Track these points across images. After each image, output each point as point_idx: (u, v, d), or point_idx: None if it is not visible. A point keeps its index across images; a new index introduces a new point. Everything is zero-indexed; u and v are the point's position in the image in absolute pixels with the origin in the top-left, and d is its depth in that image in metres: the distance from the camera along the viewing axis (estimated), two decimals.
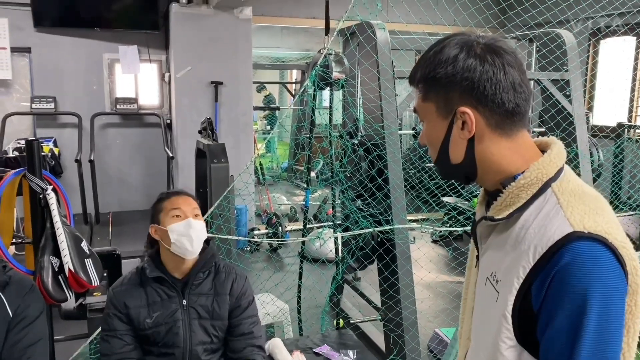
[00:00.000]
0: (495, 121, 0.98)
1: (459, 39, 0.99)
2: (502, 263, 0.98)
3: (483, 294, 1.05)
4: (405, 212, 3.13)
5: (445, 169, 1.06)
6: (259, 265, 5.01)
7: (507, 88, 0.96)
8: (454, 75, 0.96)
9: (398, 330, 3.11)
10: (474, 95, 0.96)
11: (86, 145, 5.50)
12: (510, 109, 0.97)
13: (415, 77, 1.03)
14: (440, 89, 0.99)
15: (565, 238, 0.89)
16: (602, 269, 0.87)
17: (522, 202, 0.97)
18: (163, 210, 1.96)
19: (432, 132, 1.04)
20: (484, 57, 0.96)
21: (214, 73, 5.69)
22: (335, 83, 2.96)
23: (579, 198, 0.95)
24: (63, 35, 5.72)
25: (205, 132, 3.42)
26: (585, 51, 5.84)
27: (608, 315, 0.87)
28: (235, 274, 2.05)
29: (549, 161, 0.98)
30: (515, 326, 0.95)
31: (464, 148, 1.00)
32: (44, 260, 2.39)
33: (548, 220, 0.93)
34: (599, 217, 0.92)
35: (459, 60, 0.96)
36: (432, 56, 1.00)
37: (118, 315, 1.92)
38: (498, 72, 0.96)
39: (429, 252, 5.19)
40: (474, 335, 1.12)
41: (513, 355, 0.97)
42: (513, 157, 0.99)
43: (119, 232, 5.35)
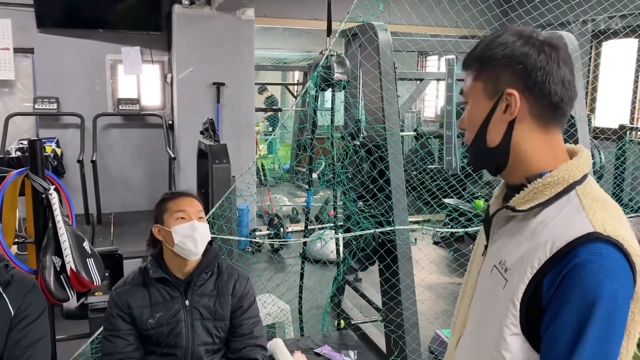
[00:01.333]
0: (538, 110, 1.01)
1: (518, 29, 1.04)
2: (513, 253, 1.01)
3: (489, 281, 1.08)
4: (407, 213, 3.14)
5: (479, 152, 1.08)
6: (260, 265, 5.02)
7: (557, 81, 0.99)
8: (510, 57, 1.00)
9: (399, 331, 3.11)
10: (524, 79, 0.99)
11: (88, 146, 5.52)
12: (555, 101, 1.00)
13: (469, 59, 1.07)
14: (493, 68, 1.02)
15: (585, 237, 0.92)
16: (616, 272, 0.91)
17: (545, 199, 1.00)
18: (167, 211, 1.96)
19: (474, 112, 1.07)
20: (541, 47, 1.00)
21: (216, 74, 5.71)
22: (337, 84, 2.97)
23: (601, 204, 0.99)
24: (66, 36, 5.74)
25: (207, 132, 3.43)
26: (587, 53, 5.84)
27: (615, 318, 0.90)
28: (237, 274, 2.05)
29: (577, 165, 1.01)
30: (522, 315, 0.98)
31: (502, 131, 1.03)
32: (46, 260, 2.39)
33: (570, 219, 0.96)
34: (618, 224, 0.95)
35: (516, 45, 1.00)
36: (490, 40, 1.04)
37: (121, 315, 1.92)
38: (552, 64, 0.99)
39: (430, 254, 5.19)
40: (473, 321, 1.15)
41: (515, 342, 1.00)
42: (545, 153, 1.03)
43: (121, 232, 5.36)
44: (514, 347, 1.00)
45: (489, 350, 1.04)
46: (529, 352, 0.99)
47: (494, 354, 1.02)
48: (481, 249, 1.17)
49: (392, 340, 3.15)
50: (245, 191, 3.08)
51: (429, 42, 3.15)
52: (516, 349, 1.00)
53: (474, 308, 1.16)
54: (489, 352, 1.04)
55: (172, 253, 1.93)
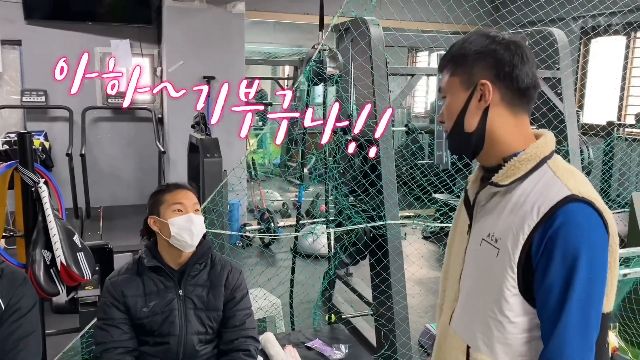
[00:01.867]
0: (508, 97, 1.16)
1: (484, 31, 1.20)
2: (499, 224, 1.15)
3: (479, 254, 1.21)
4: (398, 208, 3.15)
5: (458, 138, 1.22)
6: (251, 260, 5.02)
7: (523, 73, 1.15)
8: (481, 52, 1.16)
9: (389, 325, 3.13)
10: (495, 70, 1.15)
11: (77, 139, 5.47)
12: (523, 88, 1.16)
13: (444, 60, 1.22)
14: (466, 63, 1.17)
15: (565, 199, 1.07)
16: (593, 227, 1.06)
17: (522, 173, 1.14)
18: (164, 202, 1.98)
19: (452, 104, 1.21)
20: (507, 45, 1.16)
21: (206, 68, 5.67)
22: (330, 78, 2.96)
23: (570, 173, 1.14)
24: (54, 28, 5.68)
25: (198, 126, 3.41)
26: (577, 50, 5.88)
27: (595, 268, 1.05)
28: (230, 267, 2.08)
29: (544, 143, 1.17)
30: (519, 277, 1.11)
31: (478, 117, 1.18)
32: (35, 254, 2.37)
33: (548, 186, 1.11)
34: (588, 187, 1.11)
35: (485, 43, 1.17)
36: (462, 42, 1.20)
37: (115, 304, 1.94)
38: (517, 58, 1.15)
39: (420, 249, 5.22)
40: (467, 293, 1.27)
41: (516, 302, 1.13)
42: (516, 135, 1.18)
43: (110, 226, 5.33)
44: (515, 306, 1.13)
45: (491, 314, 1.16)
46: (528, 308, 1.13)
47: (497, 316, 1.15)
48: (463, 229, 1.31)
49: (382, 334, 3.17)
50: (237, 185, 3.08)
51: (421, 38, 3.15)
52: (517, 308, 1.13)
53: (465, 281, 1.28)
54: (490, 316, 1.17)
55: (167, 244, 1.95)
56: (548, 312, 1.07)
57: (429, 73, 3.90)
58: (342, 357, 2.60)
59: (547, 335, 1.08)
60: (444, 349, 1.34)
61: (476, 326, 1.21)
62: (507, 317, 1.14)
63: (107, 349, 1.91)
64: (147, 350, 1.96)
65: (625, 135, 5.22)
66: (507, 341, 1.15)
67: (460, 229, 1.33)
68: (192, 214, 1.96)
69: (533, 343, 1.13)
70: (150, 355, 1.96)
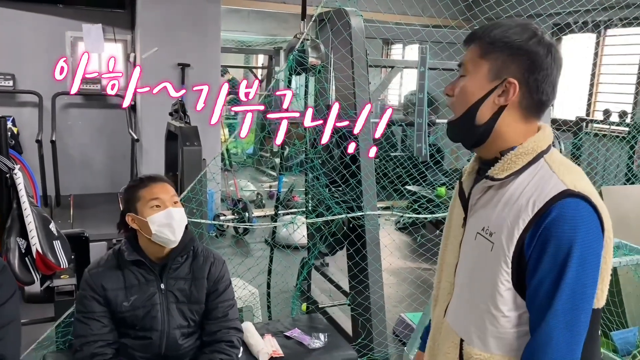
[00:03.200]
0: (527, 104, 1.13)
1: (530, 24, 1.13)
2: (494, 218, 1.14)
3: (474, 247, 1.20)
4: (376, 199, 3.18)
5: (465, 126, 1.17)
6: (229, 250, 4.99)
7: (551, 83, 1.13)
8: (523, 49, 1.09)
9: (366, 314, 3.16)
10: (527, 74, 1.10)
11: (47, 126, 5.33)
12: (543, 100, 1.13)
13: (482, 34, 1.14)
14: (504, 54, 1.11)
15: (561, 194, 1.05)
16: (588, 222, 1.05)
17: (518, 167, 1.12)
18: (140, 199, 1.89)
19: (471, 88, 1.15)
20: (549, 49, 1.11)
21: (181, 55, 5.58)
22: (312, 69, 2.96)
23: (567, 167, 1.13)
24: (23, 10, 5.50)
25: (176, 114, 3.37)
26: None
27: (587, 262, 1.04)
28: (213, 258, 2.04)
29: (542, 137, 1.15)
30: (513, 271, 1.10)
31: (492, 112, 1.13)
32: (10, 242, 2.33)
33: (544, 181, 1.09)
34: (584, 182, 1.10)
35: (531, 41, 1.10)
36: (507, 26, 1.12)
37: (95, 297, 1.89)
38: (554, 67, 1.12)
39: (395, 240, 5.28)
40: (461, 286, 1.26)
41: (509, 296, 1.12)
42: (520, 135, 1.15)
43: (81, 215, 5.22)
44: (508, 300, 1.13)
45: (485, 308, 1.15)
46: (520, 303, 1.12)
47: (492, 310, 1.14)
48: (458, 222, 1.28)
49: (359, 323, 3.20)
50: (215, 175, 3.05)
51: (402, 30, 3.17)
52: (510, 302, 1.13)
53: (460, 275, 1.26)
54: (485, 310, 1.16)
55: (148, 240, 1.90)
56: (537, 304, 1.06)
57: (407, 66, 3.93)
58: (322, 345, 2.61)
59: (534, 327, 1.08)
60: (438, 341, 1.33)
61: (470, 320, 1.20)
62: (501, 311, 1.13)
63: (87, 342, 1.87)
64: (129, 342, 1.93)
65: (594, 130, 5.37)
66: (500, 335, 1.14)
67: (455, 222, 1.31)
68: (171, 208, 1.88)
69: (526, 337, 1.12)
70: (132, 349, 1.93)
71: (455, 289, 1.28)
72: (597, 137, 5.31)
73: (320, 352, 2.58)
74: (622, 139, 5.29)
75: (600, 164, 5.15)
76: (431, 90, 3.30)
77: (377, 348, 3.19)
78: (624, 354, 3.13)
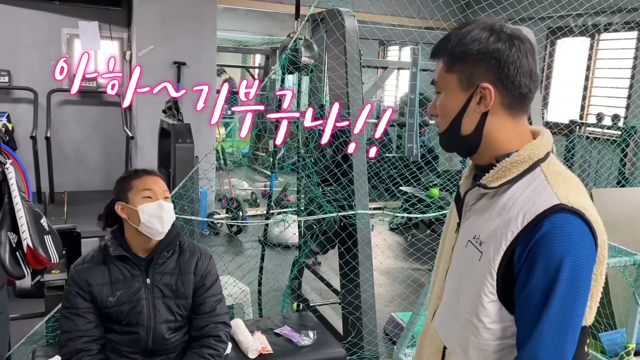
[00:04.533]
0: (508, 101, 1.09)
1: (487, 23, 1.09)
2: (485, 227, 1.10)
3: (464, 254, 1.16)
4: (368, 198, 3.20)
5: (453, 139, 1.15)
6: (220, 248, 5.00)
7: (526, 73, 1.07)
8: (484, 52, 1.06)
9: (357, 313, 3.18)
10: (497, 73, 1.07)
11: (42, 122, 5.34)
12: (524, 93, 1.09)
13: (443, 50, 1.12)
14: (467, 63, 1.08)
15: (552, 208, 1.01)
16: (579, 239, 1.01)
17: (512, 176, 1.08)
18: (133, 189, 1.92)
19: (448, 103, 1.13)
20: (512, 42, 1.06)
21: (177, 53, 5.60)
22: (305, 68, 2.98)
23: (564, 179, 1.08)
24: (19, 7, 5.51)
25: (170, 111, 3.38)
26: (543, 49, 6.03)
27: (578, 280, 1.00)
28: (199, 253, 2.05)
29: (540, 144, 1.10)
30: (498, 283, 1.07)
31: (476, 121, 1.10)
32: (1, 236, 2.32)
33: (537, 193, 1.05)
34: (580, 196, 1.05)
35: (490, 41, 1.06)
36: (463, 34, 1.09)
37: (80, 293, 1.89)
38: (522, 57, 1.07)
39: (386, 240, 5.30)
40: (449, 292, 1.23)
41: (494, 308, 1.09)
42: (512, 137, 1.11)
43: (75, 212, 5.23)
44: (491, 313, 1.09)
45: (468, 317, 1.13)
46: (506, 316, 1.09)
47: (474, 320, 1.11)
48: (453, 227, 1.25)
49: (349, 322, 3.22)
50: (208, 172, 3.07)
51: (395, 31, 3.19)
52: (494, 314, 1.09)
53: (449, 281, 1.23)
54: (467, 319, 1.13)
55: (135, 231, 1.91)
56: (525, 320, 1.03)
57: (401, 67, 3.95)
58: (311, 343, 2.63)
59: (521, 343, 1.04)
60: (424, 345, 1.32)
61: (454, 328, 1.18)
62: (482, 322, 1.10)
63: (72, 338, 1.88)
64: (115, 338, 1.93)
65: (586, 134, 5.40)
66: (481, 347, 1.12)
67: (451, 227, 1.27)
68: (162, 200, 1.91)
69: (507, 350, 1.09)
70: (119, 344, 1.93)
71: (444, 295, 1.25)
72: (589, 140, 5.34)
73: (309, 350, 2.60)
74: (614, 142, 5.33)
75: (592, 167, 5.19)
76: (424, 91, 3.32)
77: (367, 347, 3.20)
78: (612, 355, 3.15)
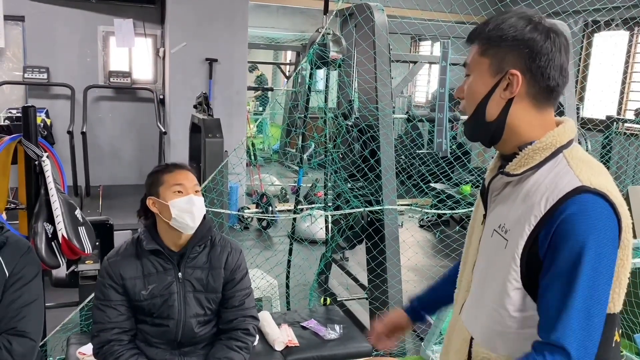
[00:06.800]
0: (535, 92, 1.10)
1: (527, 13, 1.11)
2: (510, 215, 1.11)
3: (490, 244, 1.18)
4: (396, 194, 3.18)
5: (477, 124, 1.17)
6: (249, 242, 5.06)
7: (557, 67, 1.09)
8: (519, 40, 1.08)
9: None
10: (528, 62, 1.08)
11: (78, 118, 5.48)
12: (552, 86, 1.10)
13: (480, 34, 1.14)
14: (501, 48, 1.10)
15: (574, 190, 1.02)
16: (603, 220, 1.00)
17: (535, 162, 1.09)
18: (164, 183, 1.93)
19: (476, 86, 1.15)
20: (548, 34, 1.08)
21: (209, 50, 5.67)
22: (332, 63, 2.98)
23: (586, 163, 1.08)
24: (58, 5, 5.67)
25: (200, 106, 3.43)
26: (579, 42, 5.89)
27: (602, 260, 0.99)
28: (230, 247, 2.06)
29: (563, 131, 1.12)
30: (522, 269, 1.07)
31: (500, 107, 1.12)
32: (37, 227, 2.41)
33: (559, 177, 1.06)
34: (602, 178, 1.05)
35: (526, 30, 1.08)
36: (501, 20, 1.11)
37: (113, 286, 1.92)
38: (555, 50, 1.08)
39: (415, 236, 5.27)
40: (477, 284, 1.24)
41: (518, 296, 1.10)
42: (535, 127, 1.12)
43: (109, 205, 5.36)
44: (516, 301, 1.10)
45: (494, 306, 1.13)
46: (529, 304, 1.09)
47: (499, 309, 1.12)
48: (479, 219, 1.26)
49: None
50: (237, 166, 3.10)
51: (424, 25, 3.17)
52: (518, 302, 1.09)
53: (477, 273, 1.24)
54: (493, 308, 1.14)
55: (167, 226, 1.92)
56: (548, 302, 1.02)
57: (431, 61, 3.91)
58: (337, 337, 2.64)
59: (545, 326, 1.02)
60: (451, 338, 1.32)
61: (480, 318, 1.19)
62: (507, 310, 1.10)
63: (104, 329, 1.92)
64: (146, 329, 1.97)
65: (624, 130, 5.25)
66: (506, 336, 1.12)
67: (477, 219, 1.28)
68: (192, 195, 1.92)
69: (532, 340, 1.05)
70: (149, 335, 1.97)
71: (472, 287, 1.26)
72: (626, 137, 5.19)
73: (335, 343, 2.61)
74: None
75: (629, 164, 5.05)
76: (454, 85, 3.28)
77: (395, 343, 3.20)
78: None
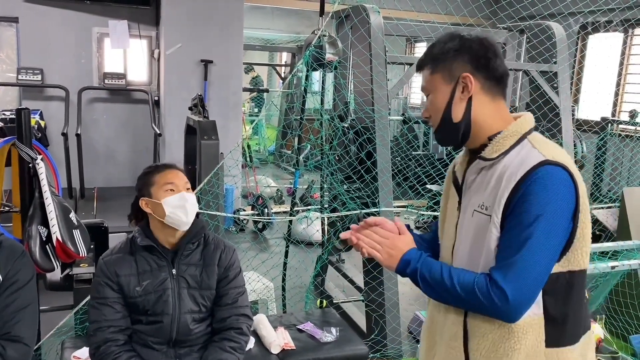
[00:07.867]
0: (489, 84, 1.32)
1: (456, 33, 1.35)
2: (487, 194, 1.30)
3: (471, 223, 1.34)
4: (392, 196, 3.18)
5: (447, 129, 1.35)
6: (245, 244, 5.04)
7: (496, 63, 1.32)
8: (458, 49, 1.31)
9: (380, 310, 3.17)
10: (472, 63, 1.30)
11: (73, 119, 5.45)
12: (500, 72, 1.32)
13: (425, 60, 1.36)
14: (445, 61, 1.32)
15: (540, 163, 1.23)
16: (562, 186, 1.22)
17: (506, 148, 1.30)
18: (155, 184, 1.97)
19: (437, 99, 1.35)
20: (480, 41, 1.33)
21: (204, 51, 5.65)
22: (328, 65, 2.98)
23: (548, 144, 1.31)
24: (52, 6, 5.64)
25: (196, 108, 3.42)
26: (574, 44, 5.90)
27: (558, 219, 1.22)
28: (223, 245, 2.09)
29: (524, 121, 1.34)
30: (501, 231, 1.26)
31: (463, 107, 1.33)
32: (32, 230, 2.39)
33: (527, 156, 1.26)
34: (562, 155, 1.28)
35: (461, 43, 1.32)
36: (437, 44, 1.35)
37: (108, 284, 1.94)
38: (490, 52, 1.32)
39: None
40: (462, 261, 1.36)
41: None
42: (496, 118, 1.34)
43: (104, 207, 5.33)
44: None
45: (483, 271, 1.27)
46: None
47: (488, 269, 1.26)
48: (453, 206, 1.43)
49: (373, 319, 3.21)
50: (233, 169, 3.09)
51: (420, 26, 3.17)
52: None
53: (458, 253, 1.38)
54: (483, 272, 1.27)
55: (161, 224, 1.96)
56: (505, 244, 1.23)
57: None
58: (333, 340, 2.63)
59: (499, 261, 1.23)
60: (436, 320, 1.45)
61: None
62: None
63: (99, 328, 1.93)
64: (141, 328, 1.98)
65: (619, 131, 5.27)
66: None
67: (450, 207, 1.45)
68: (184, 192, 1.97)
69: None
70: (144, 334, 1.97)
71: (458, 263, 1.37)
72: (621, 138, 5.20)
73: (332, 346, 2.60)
74: None
75: (624, 165, 5.06)
76: None
77: (391, 345, 3.19)
78: None
